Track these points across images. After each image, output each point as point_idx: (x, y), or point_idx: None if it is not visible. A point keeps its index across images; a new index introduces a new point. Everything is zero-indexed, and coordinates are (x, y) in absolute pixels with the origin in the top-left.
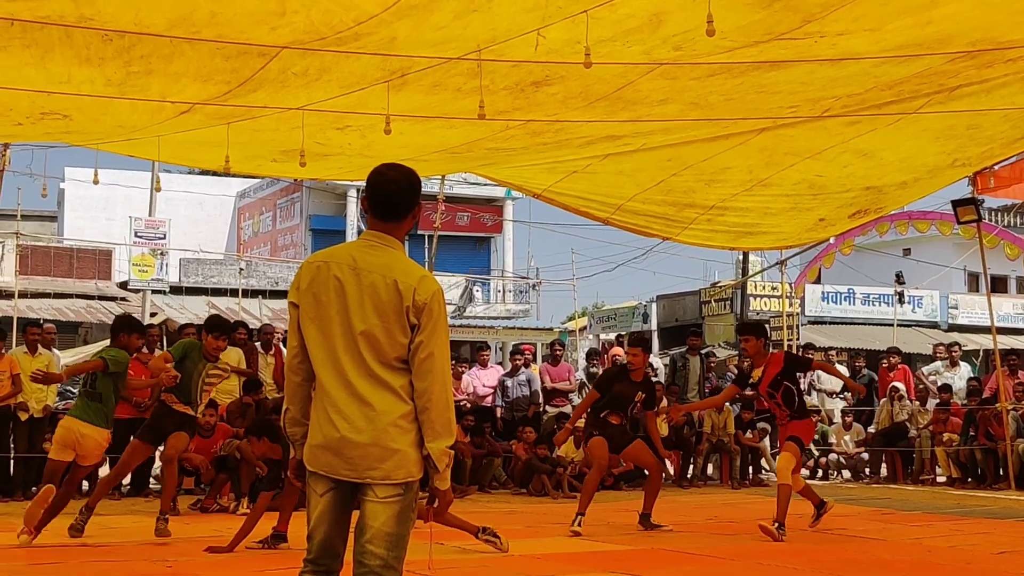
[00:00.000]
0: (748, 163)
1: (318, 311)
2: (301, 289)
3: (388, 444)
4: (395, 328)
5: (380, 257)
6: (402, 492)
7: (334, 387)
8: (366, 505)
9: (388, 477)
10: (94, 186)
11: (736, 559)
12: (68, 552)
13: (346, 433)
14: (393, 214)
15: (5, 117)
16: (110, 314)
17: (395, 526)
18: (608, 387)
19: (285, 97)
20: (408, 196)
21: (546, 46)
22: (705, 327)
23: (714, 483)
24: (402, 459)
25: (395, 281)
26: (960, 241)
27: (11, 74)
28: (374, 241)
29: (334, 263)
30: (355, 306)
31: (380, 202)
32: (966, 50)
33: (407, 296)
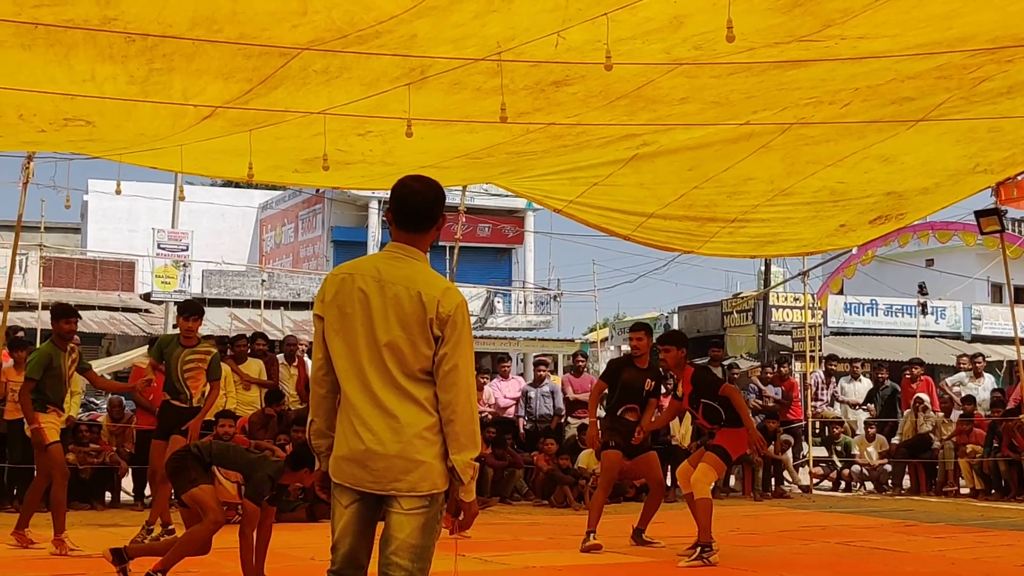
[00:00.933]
0: (770, 172)
1: (343, 323)
2: (326, 301)
3: (413, 456)
4: (419, 340)
5: (404, 269)
6: (427, 504)
7: (359, 399)
8: (391, 517)
9: (413, 489)
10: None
11: (758, 571)
12: (89, 563)
13: (371, 445)
14: (417, 225)
15: (29, 123)
16: (133, 325)
17: (420, 538)
18: (616, 377)
19: (306, 96)
20: (432, 207)
21: (566, 46)
22: (727, 338)
23: (736, 495)
24: (427, 471)
25: (419, 293)
26: (983, 252)
27: (36, 73)
28: (398, 253)
29: (358, 275)
30: (379, 318)
31: (404, 213)
32: (987, 47)
33: (431, 308)
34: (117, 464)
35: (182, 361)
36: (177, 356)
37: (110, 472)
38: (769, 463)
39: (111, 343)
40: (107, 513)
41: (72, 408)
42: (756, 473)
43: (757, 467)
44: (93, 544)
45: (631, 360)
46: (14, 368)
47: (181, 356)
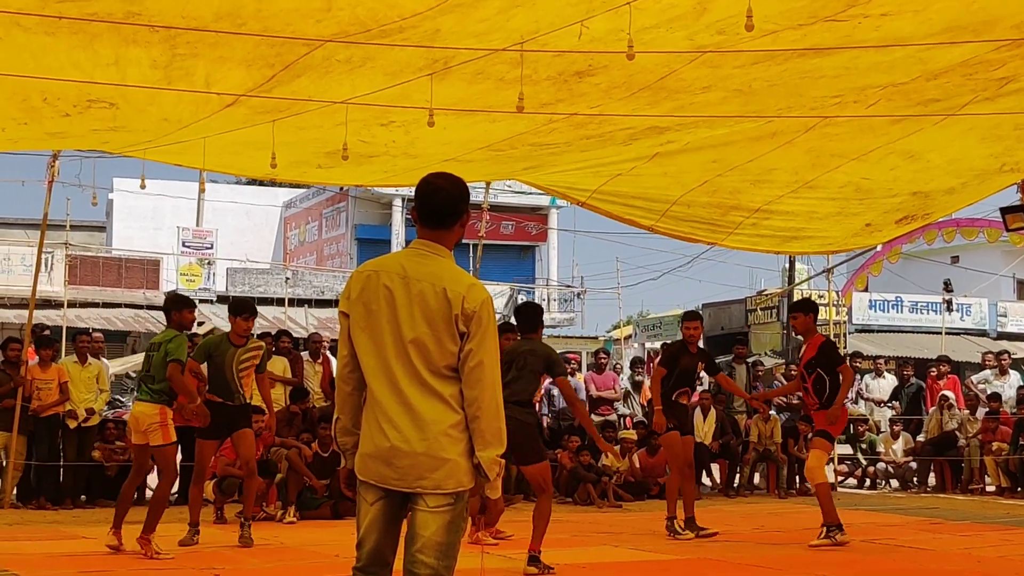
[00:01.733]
0: (794, 164)
1: (369, 320)
2: (351, 299)
3: (439, 454)
4: (444, 336)
5: (429, 266)
6: (452, 502)
7: (385, 396)
8: (416, 514)
9: (439, 487)
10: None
11: (783, 569)
12: (116, 560)
13: (396, 443)
14: (441, 222)
15: (53, 107)
16: (158, 323)
17: (445, 535)
18: (675, 363)
19: (330, 85)
20: (456, 204)
21: (589, 35)
22: (751, 336)
23: (761, 492)
24: (453, 468)
25: (444, 289)
26: (1009, 248)
27: (60, 57)
28: (423, 250)
29: (384, 272)
30: (405, 315)
31: (428, 211)
32: (1012, 38)
33: (456, 304)
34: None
35: (237, 360)
36: (231, 356)
37: None
38: (793, 461)
39: (136, 341)
40: (134, 510)
41: (99, 404)
42: (780, 471)
43: (781, 465)
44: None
45: (685, 346)
46: (39, 366)
47: (236, 355)
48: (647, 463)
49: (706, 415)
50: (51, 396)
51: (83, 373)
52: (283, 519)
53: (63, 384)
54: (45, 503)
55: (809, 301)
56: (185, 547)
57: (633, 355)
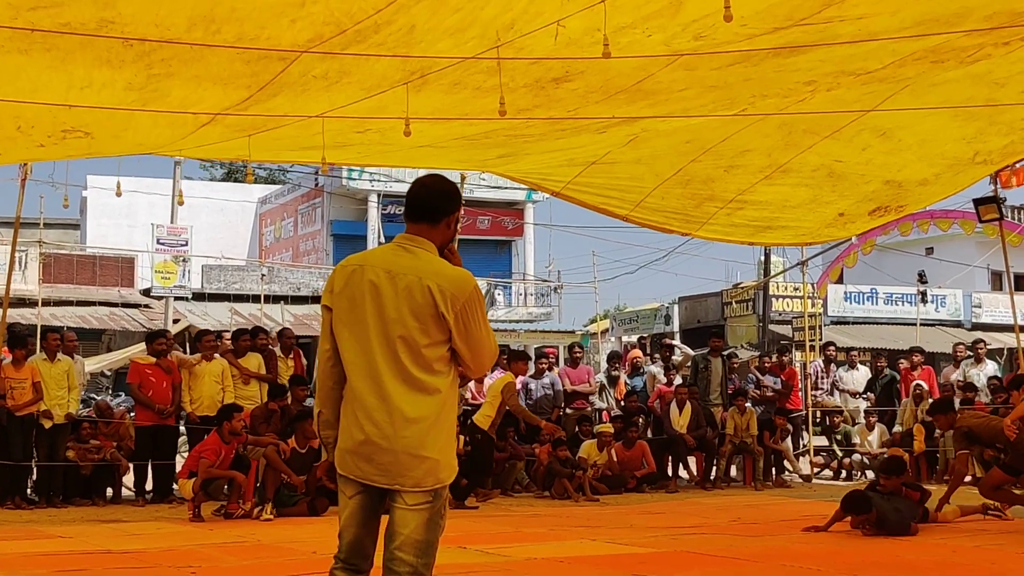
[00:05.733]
0: (766, 143)
1: (352, 314)
2: (335, 292)
3: (419, 451)
4: (432, 329)
5: (413, 260)
6: (431, 499)
7: (366, 392)
8: (395, 512)
9: (418, 484)
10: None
11: (760, 561)
12: (92, 559)
13: (375, 438)
14: (425, 217)
15: (27, 136)
16: (133, 321)
17: (424, 533)
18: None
19: (306, 102)
20: (440, 200)
21: (566, 36)
22: (727, 328)
23: (737, 484)
24: (432, 466)
25: (431, 280)
26: (983, 239)
27: (32, 80)
28: (407, 244)
29: (368, 267)
30: (392, 310)
31: (413, 205)
32: (984, 27)
33: (439, 295)
34: (118, 461)
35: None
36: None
37: (111, 468)
38: (770, 452)
39: (111, 339)
40: (109, 509)
41: (72, 404)
42: (757, 463)
43: (758, 457)
44: (96, 540)
45: None
46: (12, 365)
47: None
48: (624, 456)
49: (682, 408)
50: (25, 395)
51: (52, 370)
52: (260, 516)
53: (36, 383)
54: (20, 503)
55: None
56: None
57: (610, 349)
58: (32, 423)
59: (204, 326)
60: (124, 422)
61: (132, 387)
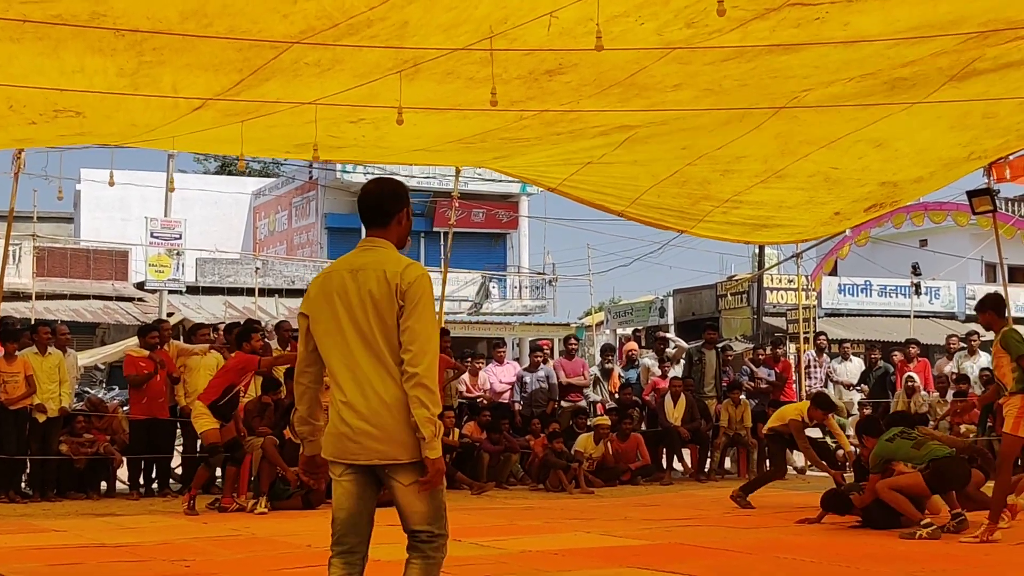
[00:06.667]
0: (763, 151)
1: (327, 314)
2: (311, 298)
3: (399, 431)
4: (388, 315)
5: (371, 256)
6: (421, 472)
7: (346, 381)
8: (396, 493)
9: (394, 458)
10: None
11: (754, 552)
12: (86, 552)
13: (359, 424)
14: (376, 221)
15: (19, 115)
16: (127, 315)
17: (428, 503)
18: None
19: (298, 88)
20: (385, 203)
21: (559, 27)
22: (722, 321)
23: (732, 476)
24: (414, 442)
25: (384, 272)
26: (977, 231)
27: (24, 65)
28: (367, 245)
29: (335, 272)
30: (357, 304)
31: (365, 212)
32: (978, 31)
33: (392, 282)
34: (112, 455)
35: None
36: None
37: (104, 462)
38: (763, 445)
39: (105, 332)
40: (103, 502)
41: (65, 399)
42: (751, 455)
43: (752, 449)
44: (90, 533)
45: None
46: (4, 359)
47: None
48: (618, 449)
49: (676, 401)
50: (18, 389)
51: (44, 364)
52: (254, 510)
53: (29, 377)
54: (14, 496)
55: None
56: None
57: (603, 342)
58: (25, 417)
59: (198, 319)
60: (117, 416)
61: (128, 378)
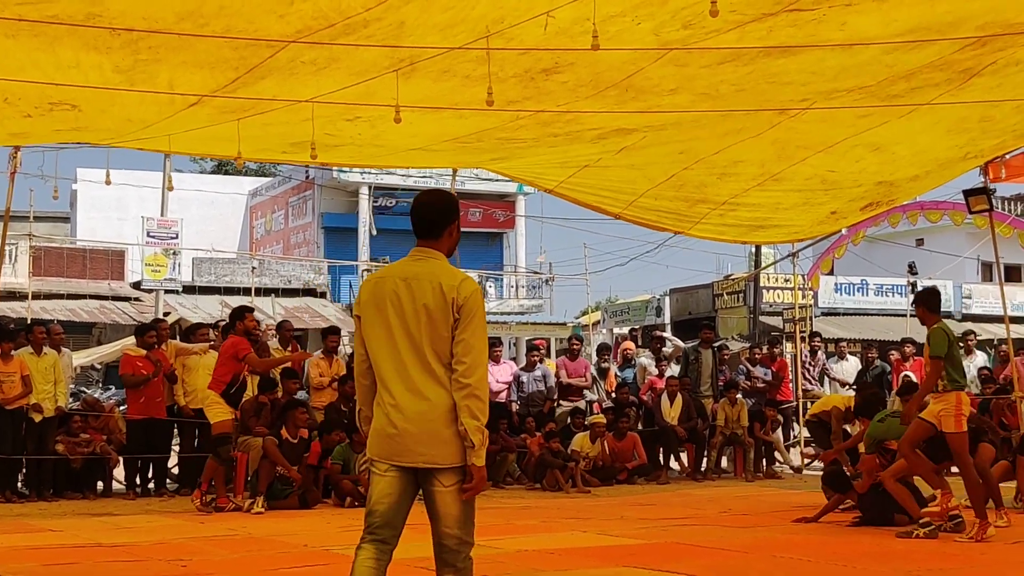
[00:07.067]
0: (760, 156)
1: (378, 319)
2: (362, 303)
3: (443, 434)
4: (442, 325)
5: (425, 266)
6: (461, 478)
7: (394, 384)
8: (435, 494)
9: (445, 462)
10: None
11: (750, 552)
12: (82, 552)
13: (405, 426)
14: (429, 233)
15: (15, 107)
16: (123, 314)
17: (463, 508)
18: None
19: (295, 86)
20: (439, 215)
21: (555, 26)
22: (718, 320)
23: (728, 476)
24: (458, 446)
25: (440, 284)
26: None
27: (20, 59)
28: (419, 255)
29: (388, 278)
30: (410, 312)
31: (418, 223)
32: (976, 35)
33: (449, 295)
34: (108, 455)
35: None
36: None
37: (101, 462)
38: (760, 444)
39: (101, 332)
40: (99, 502)
41: (60, 398)
42: (748, 454)
43: (748, 448)
44: (87, 533)
45: None
46: (1, 359)
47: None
48: (615, 448)
49: (672, 400)
50: (14, 389)
51: (39, 364)
52: (251, 509)
53: (25, 377)
54: (11, 496)
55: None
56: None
57: (600, 341)
58: (21, 416)
59: (195, 319)
60: (113, 415)
61: (124, 377)
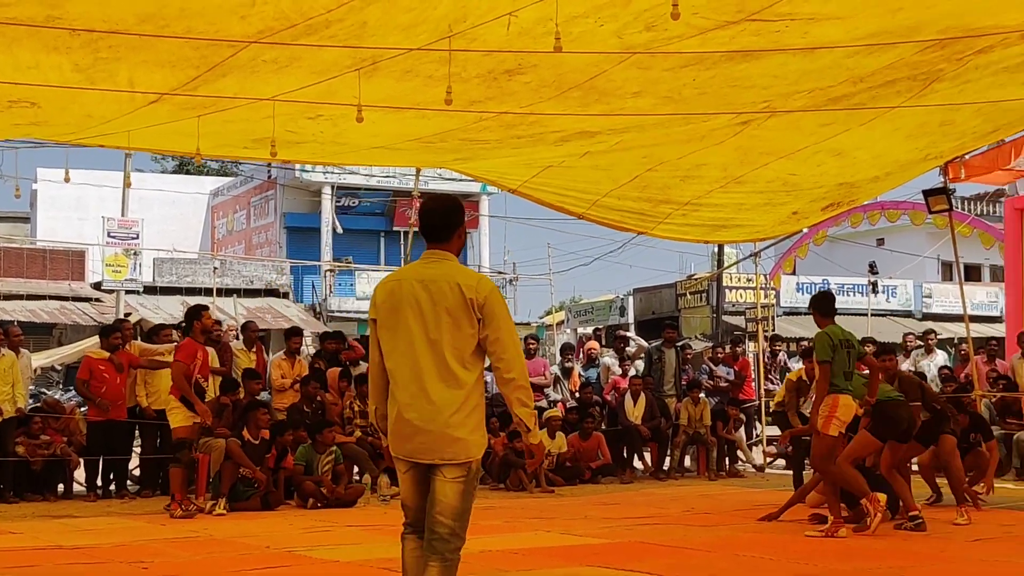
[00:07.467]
0: (723, 161)
1: (395, 322)
2: (378, 305)
3: (452, 433)
4: (464, 323)
5: (441, 268)
6: (465, 473)
7: (409, 384)
8: (436, 483)
9: (454, 459)
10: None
11: (713, 550)
12: (42, 555)
13: (417, 423)
14: (439, 236)
15: None
16: (84, 315)
17: (460, 501)
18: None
19: (256, 84)
20: (447, 219)
21: (518, 26)
22: (681, 320)
23: (691, 475)
24: (464, 445)
25: (457, 284)
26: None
27: None
28: (432, 258)
29: (405, 280)
30: (429, 313)
31: (428, 229)
32: (936, 38)
33: (468, 294)
34: (68, 456)
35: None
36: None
37: (61, 464)
38: (723, 443)
39: (62, 333)
40: (60, 504)
41: (19, 400)
42: (710, 453)
43: (711, 447)
44: (47, 535)
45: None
46: None
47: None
48: (580, 447)
49: (636, 399)
50: None
51: None
52: (212, 511)
53: None
54: None
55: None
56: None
57: (564, 341)
58: None
59: (156, 320)
60: (74, 417)
61: (78, 382)
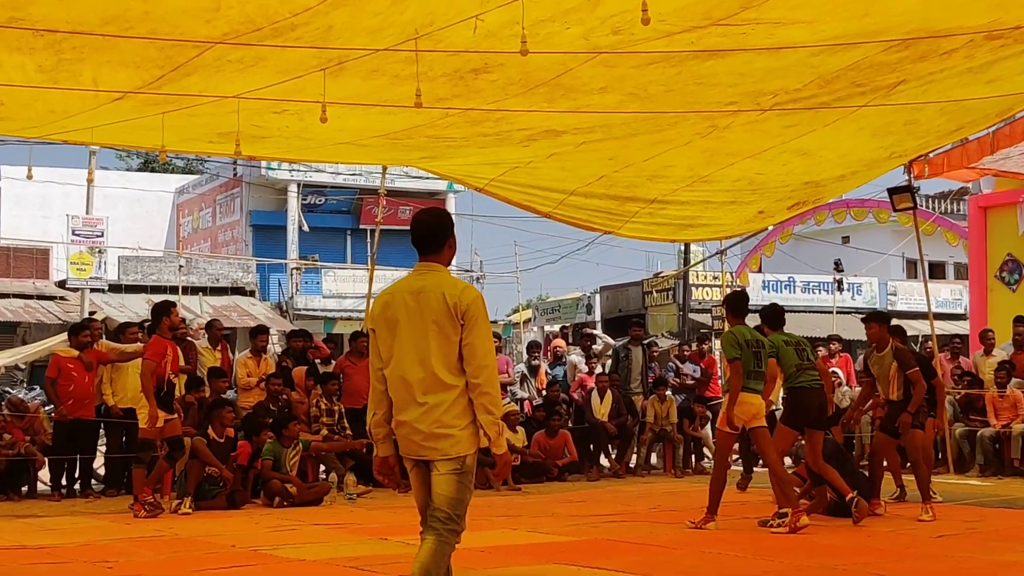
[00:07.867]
0: (689, 161)
1: (390, 331)
2: (375, 317)
3: (443, 431)
4: (449, 331)
5: (430, 279)
6: (459, 467)
7: (403, 388)
8: (433, 477)
9: (446, 454)
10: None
11: (679, 548)
12: (6, 554)
13: (413, 423)
14: (431, 248)
15: None
16: (48, 313)
17: (455, 492)
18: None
19: (220, 83)
20: (438, 231)
21: (484, 29)
22: (648, 317)
23: (657, 472)
24: (456, 440)
25: (443, 294)
26: (898, 228)
27: None
28: (423, 270)
29: (398, 293)
30: (418, 324)
31: (419, 239)
32: (901, 38)
33: (452, 302)
34: (33, 456)
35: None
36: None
37: (25, 463)
38: (689, 440)
39: (26, 331)
40: (24, 504)
41: None
42: (677, 450)
43: (677, 445)
44: (11, 535)
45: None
46: None
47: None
48: (547, 445)
49: (603, 397)
50: None
51: None
52: (178, 510)
53: None
54: None
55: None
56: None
57: (531, 339)
58: None
59: (122, 318)
60: (39, 416)
61: (47, 381)
